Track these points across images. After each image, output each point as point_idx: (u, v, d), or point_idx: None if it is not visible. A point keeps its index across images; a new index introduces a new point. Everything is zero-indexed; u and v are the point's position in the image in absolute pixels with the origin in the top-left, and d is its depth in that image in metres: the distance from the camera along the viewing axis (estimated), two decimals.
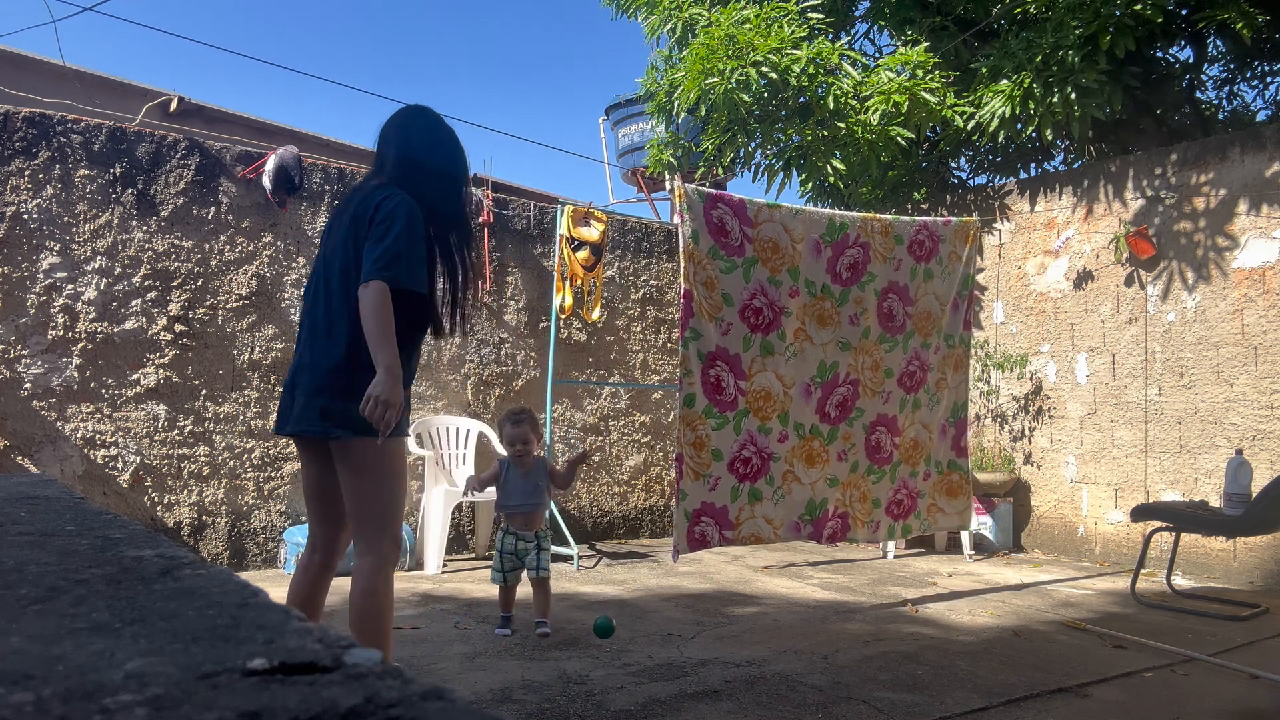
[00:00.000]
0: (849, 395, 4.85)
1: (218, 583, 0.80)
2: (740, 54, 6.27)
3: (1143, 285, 6.02)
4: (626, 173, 10.87)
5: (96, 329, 5.03)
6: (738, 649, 3.76)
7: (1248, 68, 7.24)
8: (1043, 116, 5.92)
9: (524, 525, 3.95)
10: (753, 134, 6.88)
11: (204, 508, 5.29)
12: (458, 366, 6.29)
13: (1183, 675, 3.53)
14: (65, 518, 1.20)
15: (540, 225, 6.71)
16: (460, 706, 0.51)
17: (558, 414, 6.67)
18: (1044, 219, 6.62)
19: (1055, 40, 5.76)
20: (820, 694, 3.18)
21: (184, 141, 5.39)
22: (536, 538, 3.94)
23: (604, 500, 6.93)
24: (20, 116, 4.91)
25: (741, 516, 4.46)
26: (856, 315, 4.86)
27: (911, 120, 6.34)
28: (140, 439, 5.12)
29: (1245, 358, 5.47)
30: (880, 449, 4.98)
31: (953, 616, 4.46)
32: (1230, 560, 5.49)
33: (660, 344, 7.26)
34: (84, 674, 0.54)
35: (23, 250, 4.87)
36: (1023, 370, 6.66)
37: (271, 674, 0.55)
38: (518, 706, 2.98)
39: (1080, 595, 5.05)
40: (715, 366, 4.39)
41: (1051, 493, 6.48)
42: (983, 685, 3.31)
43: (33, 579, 0.81)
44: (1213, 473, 5.55)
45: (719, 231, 4.42)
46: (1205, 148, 5.78)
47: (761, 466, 4.53)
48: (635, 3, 7.49)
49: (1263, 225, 5.46)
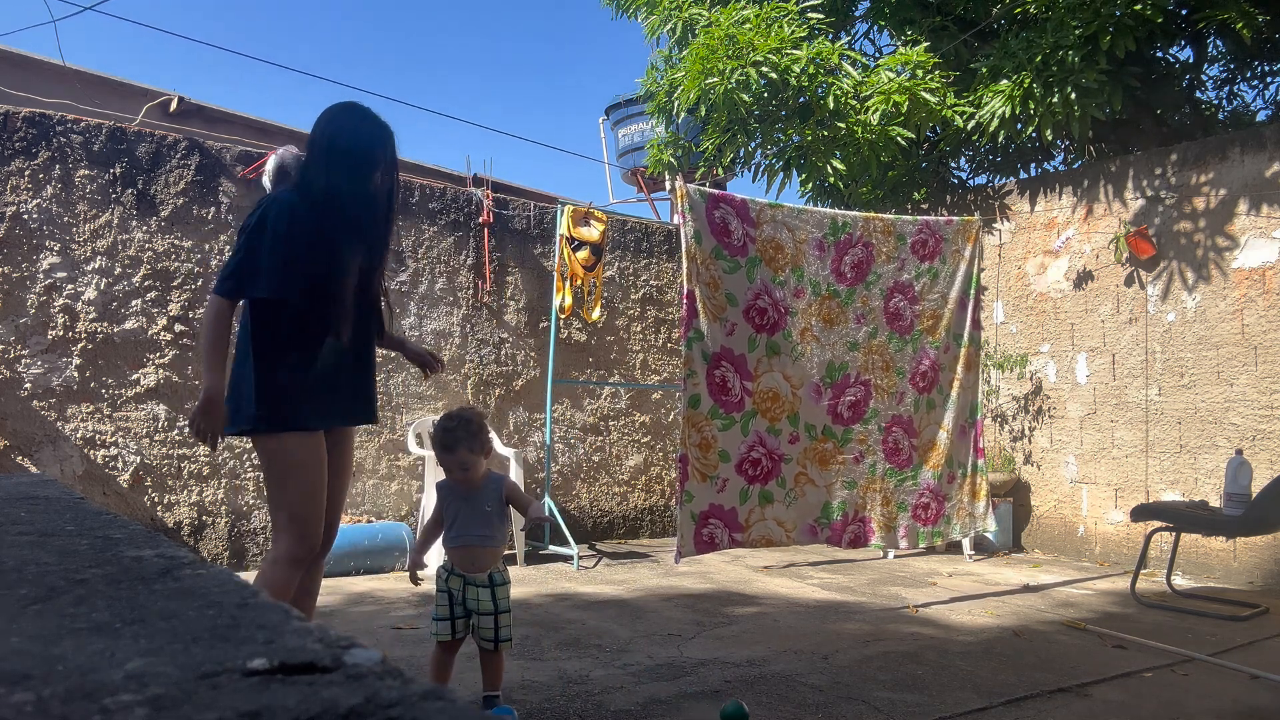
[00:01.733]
0: (862, 396, 4.83)
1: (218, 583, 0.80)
2: (740, 54, 6.27)
3: (1143, 285, 6.02)
4: (626, 173, 10.87)
5: (96, 329, 5.03)
6: (738, 649, 3.76)
7: (1248, 68, 7.24)
8: (1043, 116, 5.92)
9: (469, 564, 2.89)
10: (753, 134, 6.88)
11: (204, 508, 5.29)
12: (458, 366, 6.29)
13: (1183, 675, 3.53)
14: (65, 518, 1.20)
15: (540, 225, 6.71)
16: (460, 706, 0.51)
17: (558, 414, 6.67)
18: (1044, 219, 6.62)
19: (1055, 40, 5.76)
20: (820, 694, 3.18)
21: (184, 141, 5.39)
22: (490, 581, 2.89)
23: (604, 500, 6.92)
24: (20, 116, 4.92)
25: (751, 519, 4.44)
26: (863, 315, 4.85)
27: (911, 120, 6.34)
28: (140, 439, 5.12)
29: (1245, 358, 5.47)
30: (899, 450, 4.96)
31: (953, 616, 4.46)
32: (1230, 560, 5.49)
33: (660, 344, 7.26)
34: (84, 674, 0.54)
35: (23, 250, 4.87)
36: (1023, 370, 6.66)
37: (271, 674, 0.55)
38: (518, 706, 2.99)
39: (1080, 595, 5.05)
40: (720, 367, 4.38)
41: (1051, 493, 6.48)
42: (983, 685, 3.31)
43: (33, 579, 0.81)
44: (1213, 473, 5.55)
45: (721, 232, 4.42)
46: (1205, 148, 5.78)
47: (772, 468, 4.51)
48: (635, 3, 7.49)
49: (1263, 225, 5.46)
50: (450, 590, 2.89)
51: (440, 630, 2.88)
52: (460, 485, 2.92)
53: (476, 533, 2.90)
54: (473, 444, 2.88)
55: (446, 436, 2.86)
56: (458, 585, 2.88)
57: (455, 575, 2.89)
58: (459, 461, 2.87)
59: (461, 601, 2.88)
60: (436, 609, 2.90)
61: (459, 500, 2.92)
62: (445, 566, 2.93)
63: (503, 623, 2.88)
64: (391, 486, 5.98)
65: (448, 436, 2.86)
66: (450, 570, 2.91)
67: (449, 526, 2.93)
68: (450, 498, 2.95)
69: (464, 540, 2.90)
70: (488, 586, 2.88)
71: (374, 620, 4.19)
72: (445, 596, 2.89)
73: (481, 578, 2.88)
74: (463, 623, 2.89)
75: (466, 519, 2.91)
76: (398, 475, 6.01)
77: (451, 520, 2.93)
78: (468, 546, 2.90)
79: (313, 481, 2.72)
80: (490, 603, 2.87)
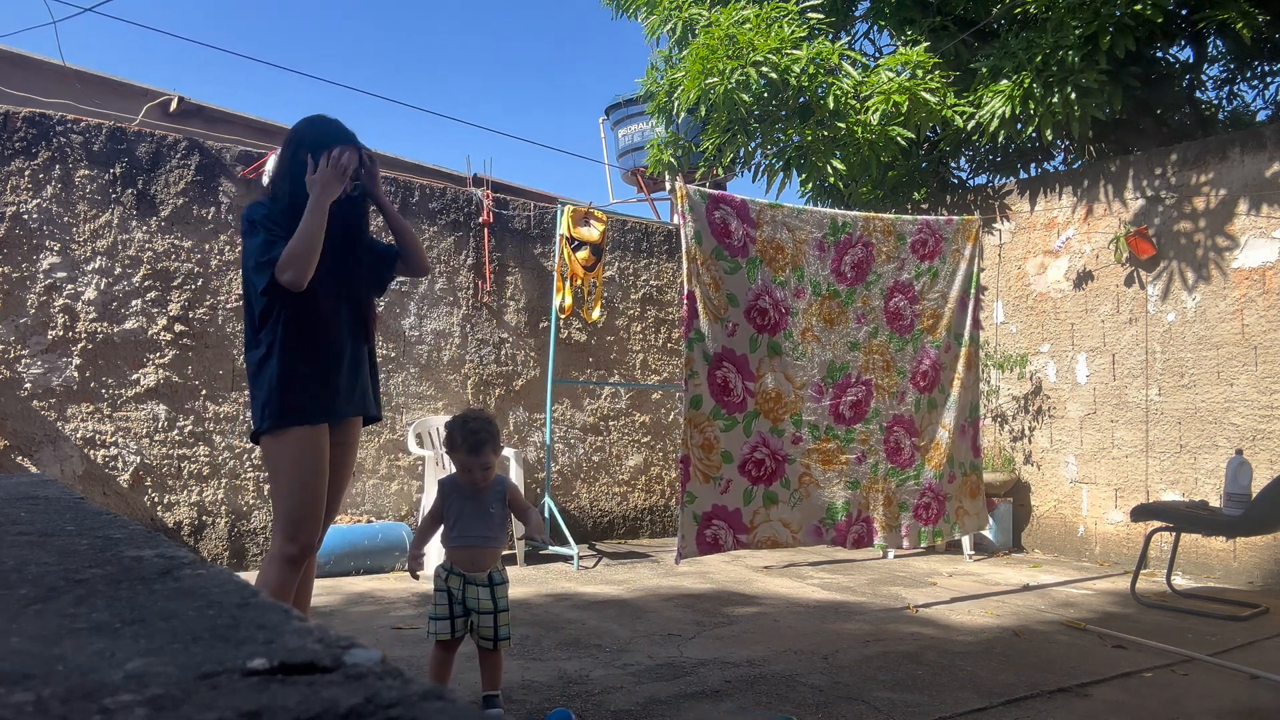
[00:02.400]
0: (864, 396, 4.83)
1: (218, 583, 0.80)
2: (740, 54, 6.27)
3: (1143, 285, 6.02)
4: (626, 173, 10.87)
5: (96, 329, 5.03)
6: (738, 649, 3.76)
7: (1248, 68, 7.24)
8: (1043, 116, 5.92)
9: (470, 564, 2.89)
10: (753, 134, 6.88)
11: (204, 508, 5.29)
12: (458, 366, 6.29)
13: (1183, 675, 3.53)
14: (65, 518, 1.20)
15: (540, 225, 6.71)
16: (460, 706, 0.51)
17: (558, 414, 6.67)
18: (1044, 219, 6.62)
19: (1055, 40, 5.76)
20: (820, 694, 3.18)
21: (184, 141, 5.39)
22: (490, 580, 2.90)
23: (604, 500, 6.93)
24: (20, 116, 4.92)
25: (756, 520, 4.43)
26: (863, 315, 4.85)
27: (911, 120, 6.34)
28: (140, 439, 5.12)
29: (1245, 358, 5.47)
30: (900, 450, 4.96)
31: (953, 616, 4.46)
32: (1230, 560, 5.49)
33: (660, 344, 7.26)
34: (84, 674, 0.54)
35: (23, 250, 4.87)
36: (1023, 370, 6.66)
37: (271, 674, 0.55)
38: (518, 706, 2.99)
39: (1080, 595, 5.05)
40: (722, 368, 4.37)
41: (1051, 493, 6.48)
42: (983, 685, 3.31)
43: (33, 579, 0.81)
44: (1213, 473, 5.55)
45: (722, 232, 4.42)
46: (1205, 148, 5.78)
47: (776, 469, 4.51)
48: (635, 3, 7.49)
49: (1263, 225, 5.46)
50: (450, 589, 2.88)
51: (440, 629, 2.86)
52: (466, 484, 2.92)
53: (479, 533, 2.90)
54: (495, 445, 2.92)
55: (473, 438, 2.86)
56: (457, 584, 2.87)
57: (455, 574, 2.88)
58: (483, 463, 2.88)
59: (461, 600, 2.87)
60: (435, 608, 2.88)
61: (463, 499, 2.91)
62: (444, 566, 2.92)
63: (502, 621, 2.88)
64: (391, 486, 5.98)
65: (474, 438, 2.86)
66: (450, 569, 2.89)
67: (451, 525, 2.92)
68: (454, 496, 2.93)
69: (466, 540, 2.90)
70: (487, 586, 2.88)
71: (374, 620, 4.20)
72: (444, 595, 2.88)
73: (481, 577, 2.88)
74: (462, 622, 2.88)
75: (470, 519, 2.90)
76: (398, 475, 6.01)
77: (454, 519, 2.91)
78: (470, 546, 2.89)
79: (310, 481, 2.74)
80: (490, 601, 2.87)
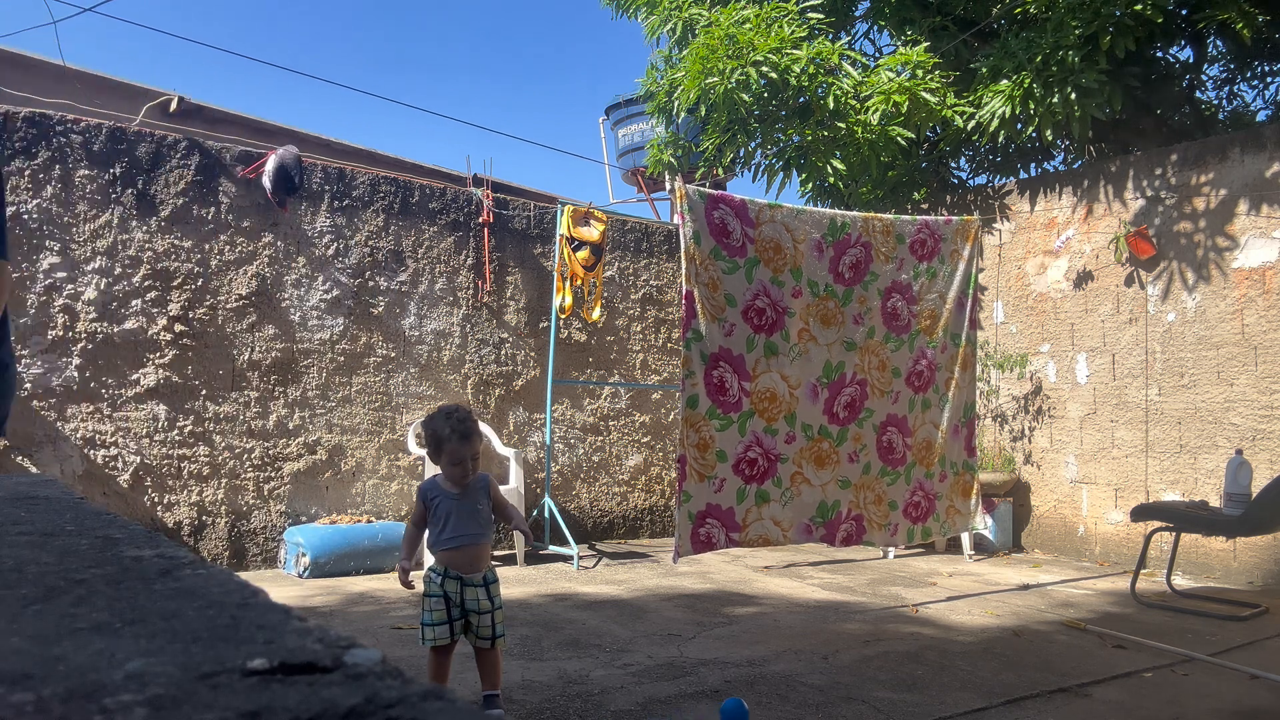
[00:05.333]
0: (857, 395, 4.84)
1: (218, 583, 0.80)
2: (740, 54, 6.27)
3: (1143, 285, 6.02)
4: (626, 173, 10.87)
5: (96, 329, 5.03)
6: (738, 649, 3.76)
7: (1248, 68, 7.24)
8: (1043, 116, 5.92)
9: (469, 565, 2.87)
10: (753, 134, 6.88)
11: (204, 508, 5.29)
12: (458, 366, 6.29)
13: (1183, 675, 3.53)
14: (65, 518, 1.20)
15: (540, 225, 6.71)
16: (461, 706, 0.51)
17: (558, 414, 6.67)
18: (1044, 219, 6.62)
19: (1055, 40, 5.76)
20: (820, 694, 3.18)
21: (184, 141, 5.38)
22: (484, 580, 2.90)
23: (604, 500, 6.92)
24: (20, 116, 4.91)
25: (749, 518, 4.45)
26: (861, 315, 4.86)
27: (911, 120, 6.34)
28: (140, 439, 5.12)
29: (1245, 358, 5.47)
30: (893, 450, 4.97)
31: (953, 616, 4.46)
32: (1230, 560, 5.49)
33: (660, 344, 7.26)
34: (84, 674, 0.54)
35: (23, 250, 4.87)
36: (1023, 370, 6.66)
37: (271, 674, 0.55)
38: (518, 706, 2.99)
39: (1080, 595, 5.05)
40: (719, 368, 4.38)
41: (1051, 493, 6.48)
42: (983, 685, 3.31)
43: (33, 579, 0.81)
44: (1213, 473, 5.55)
45: (721, 232, 4.42)
46: (1205, 148, 5.78)
47: (768, 468, 4.52)
48: (635, 3, 7.49)
49: (1263, 225, 5.46)
50: (447, 594, 2.85)
51: (439, 635, 2.83)
52: (453, 482, 2.91)
53: (474, 531, 2.90)
54: (479, 433, 2.93)
55: (461, 426, 2.87)
56: (455, 588, 2.85)
57: (451, 578, 2.85)
58: (474, 451, 2.89)
59: (460, 604, 2.85)
60: (431, 614, 2.84)
61: (450, 501, 2.90)
62: (437, 570, 2.88)
63: (498, 619, 2.90)
64: (391, 486, 5.98)
65: (463, 426, 2.87)
66: (444, 573, 2.86)
67: (441, 528, 2.89)
68: (440, 499, 2.91)
69: (462, 540, 2.88)
70: (483, 585, 2.88)
71: (374, 620, 4.19)
72: (441, 600, 2.84)
73: (478, 578, 2.88)
74: (459, 624, 2.86)
75: (460, 519, 2.89)
76: (398, 475, 6.01)
77: (444, 521, 2.89)
78: (467, 546, 2.88)
79: None
80: (488, 601, 2.87)
